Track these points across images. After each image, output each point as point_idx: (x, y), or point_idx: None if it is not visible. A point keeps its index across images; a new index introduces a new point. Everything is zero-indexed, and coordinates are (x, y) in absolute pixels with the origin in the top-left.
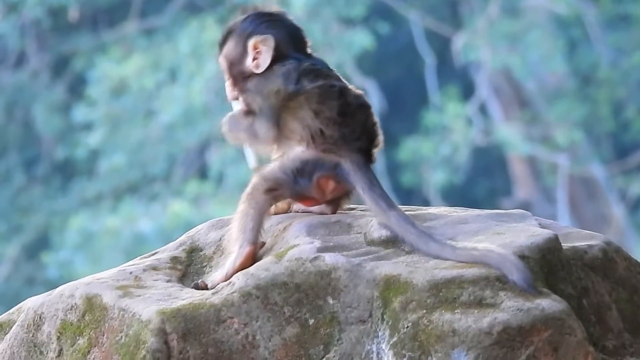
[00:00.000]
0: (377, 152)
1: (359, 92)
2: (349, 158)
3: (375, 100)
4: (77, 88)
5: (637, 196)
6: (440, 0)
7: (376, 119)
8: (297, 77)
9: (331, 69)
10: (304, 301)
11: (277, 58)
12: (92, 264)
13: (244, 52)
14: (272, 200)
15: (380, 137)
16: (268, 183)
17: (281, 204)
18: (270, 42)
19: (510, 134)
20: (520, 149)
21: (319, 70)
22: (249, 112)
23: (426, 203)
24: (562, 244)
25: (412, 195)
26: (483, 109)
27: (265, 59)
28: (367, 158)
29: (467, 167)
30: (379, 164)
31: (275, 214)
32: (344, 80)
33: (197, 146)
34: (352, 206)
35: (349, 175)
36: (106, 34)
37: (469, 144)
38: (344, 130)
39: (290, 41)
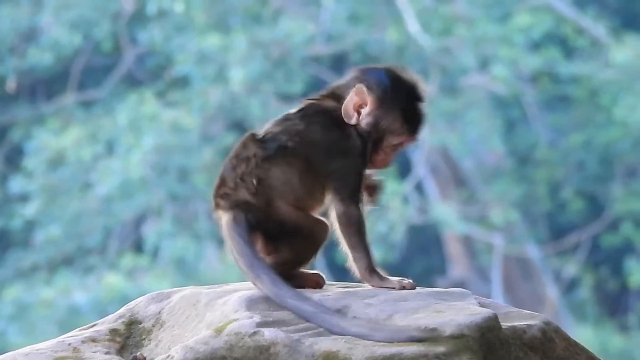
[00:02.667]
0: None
1: (282, 139)
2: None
3: None
4: (14, 159)
5: (572, 277)
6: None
7: (262, 165)
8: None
9: (292, 119)
10: None
11: None
12: (26, 335)
13: None
14: None
15: (250, 185)
16: None
17: None
18: None
19: (446, 212)
20: (456, 228)
21: (282, 118)
22: None
23: (361, 281)
24: (502, 323)
25: (347, 273)
26: (419, 188)
27: None
28: (248, 212)
29: (403, 245)
30: None
31: None
32: (292, 125)
33: (133, 219)
34: None
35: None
36: (44, 105)
37: (405, 222)
38: (218, 184)
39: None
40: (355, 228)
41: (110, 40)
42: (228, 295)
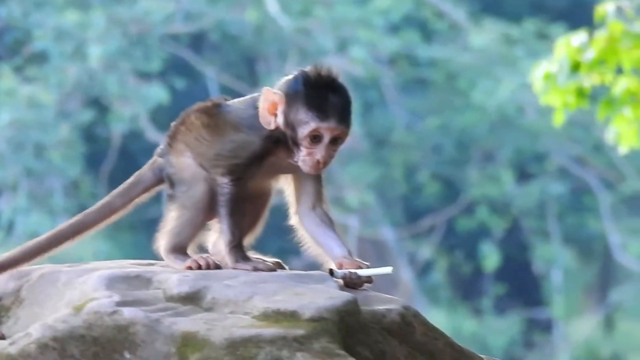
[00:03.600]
0: None
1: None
2: None
3: None
4: None
5: (426, 260)
6: (237, 58)
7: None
8: None
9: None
10: (100, 355)
11: None
12: None
13: None
14: None
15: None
16: None
17: None
18: None
19: None
20: None
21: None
22: None
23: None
24: (361, 307)
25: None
26: None
27: None
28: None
29: None
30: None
31: None
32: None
33: None
34: (152, 261)
35: None
36: None
37: None
38: None
39: None
40: (225, 199)
41: None
42: (88, 274)
